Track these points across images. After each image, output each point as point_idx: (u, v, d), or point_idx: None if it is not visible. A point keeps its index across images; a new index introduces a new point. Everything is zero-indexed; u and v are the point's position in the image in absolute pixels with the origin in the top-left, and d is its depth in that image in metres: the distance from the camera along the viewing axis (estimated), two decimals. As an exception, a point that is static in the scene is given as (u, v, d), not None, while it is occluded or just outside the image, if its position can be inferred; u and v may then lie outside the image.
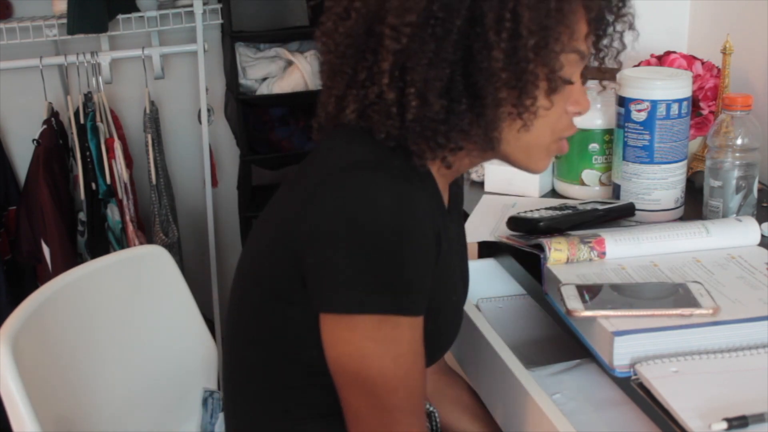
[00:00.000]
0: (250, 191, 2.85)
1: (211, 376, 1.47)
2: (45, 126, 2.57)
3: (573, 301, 1.04)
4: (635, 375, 0.95)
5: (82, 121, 2.57)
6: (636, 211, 1.40)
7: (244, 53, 2.78)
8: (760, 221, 1.25)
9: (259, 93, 2.78)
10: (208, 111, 2.84)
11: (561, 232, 1.25)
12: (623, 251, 1.19)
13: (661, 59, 1.64)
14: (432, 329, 0.99)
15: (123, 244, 2.60)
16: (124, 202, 2.59)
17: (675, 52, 1.64)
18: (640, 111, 1.39)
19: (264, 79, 2.79)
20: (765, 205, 1.46)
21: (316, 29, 1.01)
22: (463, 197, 1.26)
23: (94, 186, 2.56)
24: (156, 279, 1.43)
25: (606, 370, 0.98)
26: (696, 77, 1.58)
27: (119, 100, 2.78)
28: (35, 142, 2.55)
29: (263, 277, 1.00)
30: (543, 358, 1.25)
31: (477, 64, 0.92)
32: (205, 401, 1.42)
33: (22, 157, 2.70)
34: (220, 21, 2.76)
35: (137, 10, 2.69)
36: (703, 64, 1.61)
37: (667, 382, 0.91)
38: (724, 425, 0.84)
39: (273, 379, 1.03)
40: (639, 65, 1.64)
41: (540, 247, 1.19)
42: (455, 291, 1.06)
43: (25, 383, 1.11)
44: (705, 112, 1.59)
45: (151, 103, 2.71)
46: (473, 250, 1.51)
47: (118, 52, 2.71)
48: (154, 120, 2.71)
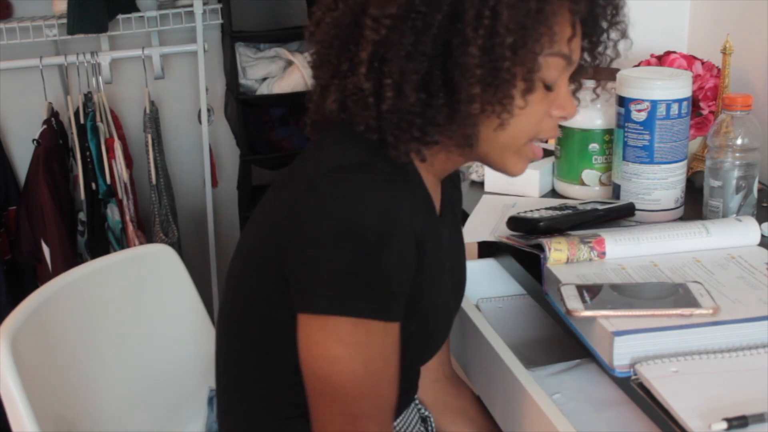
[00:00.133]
0: (250, 191, 2.85)
1: (216, 375, 1.46)
2: (45, 126, 2.57)
3: (573, 301, 1.04)
4: (635, 375, 0.95)
5: (82, 121, 2.57)
6: (636, 211, 1.40)
7: (244, 53, 2.78)
8: (760, 221, 1.25)
9: (259, 93, 2.78)
10: (208, 111, 2.84)
11: (561, 232, 1.25)
12: (623, 251, 1.19)
13: (661, 59, 1.64)
14: (417, 332, 0.99)
15: (123, 244, 2.61)
16: (124, 202, 2.59)
17: (675, 52, 1.64)
18: (640, 111, 1.39)
19: (264, 79, 2.79)
20: (765, 205, 1.46)
21: (310, 20, 1.02)
22: (462, 199, 1.25)
23: (94, 186, 2.56)
24: (162, 278, 1.43)
25: (606, 370, 0.98)
26: (696, 77, 1.58)
27: (119, 100, 2.78)
28: (35, 142, 2.55)
29: (251, 277, 1.01)
30: (543, 358, 1.25)
31: (454, 59, 0.92)
32: (210, 400, 1.42)
33: (22, 157, 2.70)
34: (220, 21, 2.76)
35: (137, 10, 2.70)
36: (703, 64, 1.61)
37: (667, 382, 0.91)
38: (724, 425, 0.84)
39: (261, 377, 1.03)
40: (639, 65, 1.64)
41: (540, 247, 1.19)
42: (441, 293, 1.04)
43: (24, 383, 1.11)
44: (705, 112, 1.59)
45: (151, 103, 2.71)
46: (473, 250, 1.51)
47: (118, 52, 2.71)
48: (154, 120, 2.71)
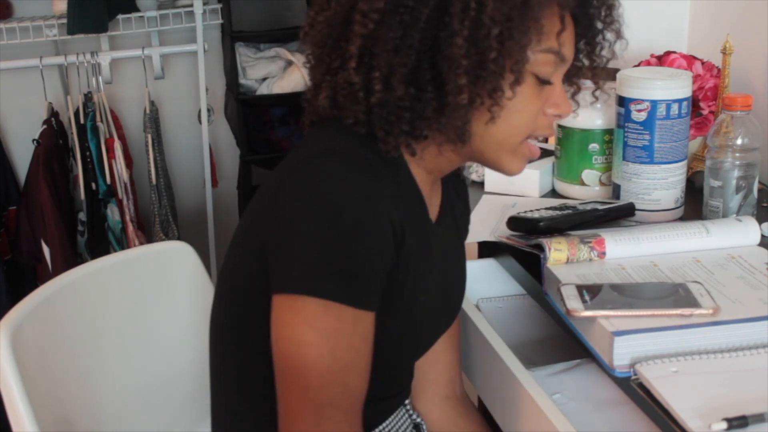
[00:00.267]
0: (250, 191, 2.85)
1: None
2: (45, 126, 2.57)
3: (573, 301, 1.04)
4: (635, 375, 0.95)
5: (82, 121, 2.57)
6: (636, 211, 1.40)
7: (244, 53, 2.78)
8: (760, 221, 1.25)
9: (259, 93, 2.78)
10: (208, 111, 2.84)
11: (561, 232, 1.25)
12: (623, 251, 1.19)
13: (661, 59, 1.64)
14: (399, 327, 0.99)
15: (123, 244, 2.61)
16: (124, 202, 2.59)
17: (675, 52, 1.64)
18: (640, 111, 1.39)
19: (264, 79, 2.79)
20: (765, 205, 1.46)
21: (305, 22, 1.03)
22: (469, 216, 1.23)
23: (94, 186, 2.56)
24: (179, 275, 1.42)
25: (606, 370, 0.98)
26: (696, 77, 1.58)
27: (119, 100, 2.78)
28: (35, 142, 2.55)
29: (237, 269, 1.02)
30: (543, 358, 1.25)
31: (442, 52, 0.93)
32: None
33: (22, 157, 2.70)
34: (220, 21, 2.76)
35: (137, 10, 2.70)
36: (703, 64, 1.61)
37: (667, 382, 0.91)
38: (724, 425, 0.84)
39: (248, 370, 1.03)
40: (639, 65, 1.64)
41: (540, 247, 1.19)
42: (425, 292, 1.03)
43: (25, 379, 1.11)
44: (705, 112, 1.59)
45: (151, 103, 2.71)
46: (473, 250, 1.51)
47: (118, 52, 2.71)
48: (154, 120, 2.71)
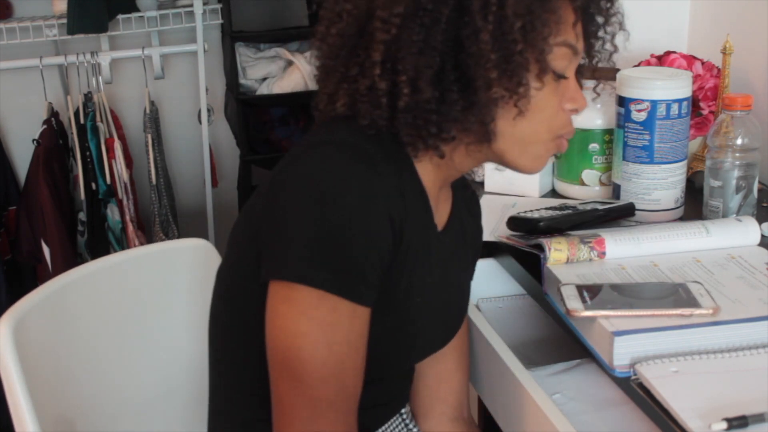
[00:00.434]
0: (250, 191, 2.85)
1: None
2: (45, 126, 2.57)
3: (573, 301, 1.03)
4: (635, 375, 0.95)
5: (82, 121, 2.57)
6: (636, 211, 1.40)
7: (244, 53, 2.78)
8: (760, 221, 1.25)
9: (259, 93, 2.78)
10: (208, 111, 2.84)
11: (561, 232, 1.25)
12: (623, 251, 1.19)
13: (661, 59, 1.64)
14: (395, 328, 0.99)
15: (123, 244, 2.61)
16: (124, 202, 2.59)
17: (675, 52, 1.64)
18: (640, 111, 1.39)
19: (264, 79, 2.79)
20: (765, 205, 1.46)
21: (315, 31, 1.03)
22: (481, 234, 1.21)
23: (94, 186, 2.57)
24: (198, 272, 1.42)
25: (606, 370, 0.98)
26: (696, 77, 1.58)
27: (119, 100, 2.78)
28: (35, 142, 2.55)
29: (234, 265, 1.03)
30: (543, 358, 1.25)
31: (466, 50, 0.93)
32: None
33: (22, 157, 2.70)
34: (220, 21, 2.76)
35: (137, 10, 2.70)
36: (703, 64, 1.61)
37: (667, 382, 0.91)
38: (724, 425, 0.84)
39: (244, 366, 1.03)
40: (639, 65, 1.64)
41: (540, 247, 1.19)
42: (423, 294, 1.03)
43: (28, 379, 1.11)
44: (705, 112, 1.59)
45: (151, 103, 2.71)
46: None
47: (118, 52, 2.71)
48: (154, 120, 2.71)
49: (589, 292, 1.05)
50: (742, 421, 0.85)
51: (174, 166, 2.92)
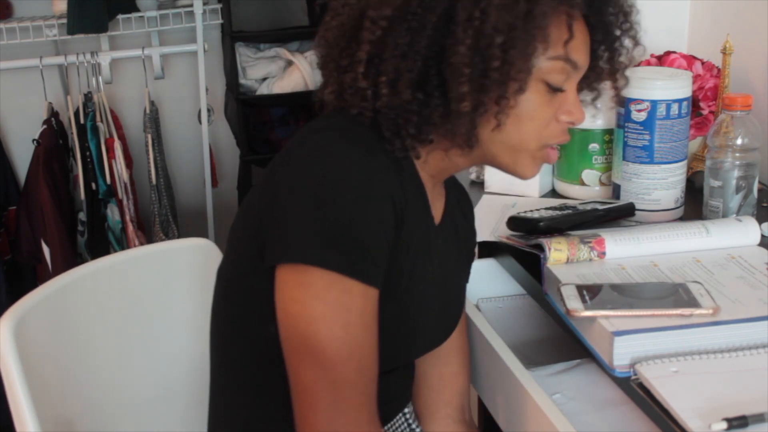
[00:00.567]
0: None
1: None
2: (45, 126, 2.57)
3: (573, 301, 1.04)
4: (635, 375, 0.95)
5: (82, 121, 2.57)
6: (636, 211, 1.40)
7: (244, 53, 2.78)
8: (760, 221, 1.25)
9: (259, 93, 2.78)
10: (208, 111, 2.84)
11: (561, 232, 1.25)
12: (623, 251, 1.19)
13: (661, 59, 1.64)
14: (396, 317, 0.99)
15: (123, 244, 2.61)
16: (124, 202, 2.59)
17: (675, 52, 1.64)
18: (640, 111, 1.39)
19: (264, 79, 2.79)
20: (765, 205, 1.46)
21: (316, 29, 1.05)
22: (475, 237, 1.23)
23: (94, 186, 2.56)
24: (199, 272, 1.42)
25: (606, 370, 0.98)
26: (696, 77, 1.58)
27: (119, 100, 2.78)
28: (35, 142, 2.55)
29: (236, 260, 1.03)
30: (543, 358, 1.25)
31: (446, 59, 0.94)
32: None
33: (22, 157, 2.70)
34: (220, 21, 2.76)
35: (137, 10, 2.70)
36: (703, 64, 1.61)
37: (667, 382, 0.91)
38: (724, 425, 0.84)
39: (244, 360, 1.03)
40: (639, 65, 1.64)
41: (540, 247, 1.19)
42: (423, 282, 1.04)
43: (29, 379, 1.11)
44: (705, 112, 1.59)
45: (151, 103, 2.71)
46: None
47: (118, 52, 2.71)
48: (154, 120, 2.71)
49: (589, 292, 1.05)
50: (742, 421, 0.85)
51: (174, 166, 2.92)
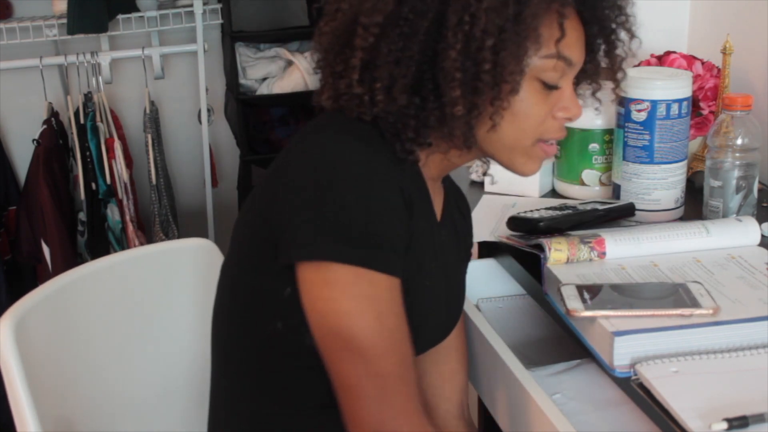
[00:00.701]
0: (250, 191, 2.85)
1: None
2: (45, 126, 2.57)
3: (573, 301, 1.04)
4: (635, 375, 0.95)
5: (82, 121, 2.57)
6: (636, 211, 1.40)
7: (244, 53, 2.78)
8: (760, 221, 1.25)
9: (259, 93, 2.78)
10: (208, 111, 2.84)
11: (561, 232, 1.25)
12: (623, 251, 1.19)
13: (661, 59, 1.64)
14: (406, 307, 0.98)
15: (123, 244, 2.61)
16: (124, 202, 2.59)
17: (675, 52, 1.64)
18: (640, 111, 1.39)
19: (264, 79, 2.79)
20: (765, 205, 1.46)
21: (315, 30, 1.05)
22: (471, 232, 1.24)
23: (94, 186, 2.56)
24: (199, 272, 1.42)
25: (606, 370, 0.98)
26: (696, 77, 1.58)
27: (119, 100, 2.78)
28: (35, 142, 2.55)
29: (240, 260, 1.03)
30: (543, 358, 1.25)
31: (438, 64, 0.95)
32: None
33: (22, 157, 2.70)
34: (220, 21, 2.76)
35: (137, 10, 2.70)
36: (703, 64, 1.61)
37: (667, 382, 0.91)
38: (725, 425, 0.84)
39: (248, 358, 1.03)
40: (639, 65, 1.64)
41: (540, 247, 1.19)
42: (429, 278, 1.04)
43: (29, 379, 1.11)
44: (705, 112, 1.59)
45: (151, 103, 2.71)
46: (473, 250, 1.51)
47: (118, 52, 2.71)
48: (154, 120, 2.71)
49: (589, 292, 1.05)
50: (743, 421, 0.84)
51: (174, 166, 2.92)
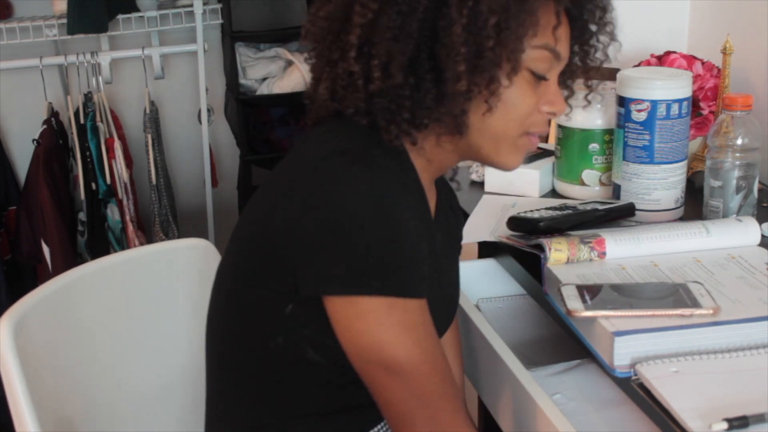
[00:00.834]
0: (250, 191, 2.85)
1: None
2: (45, 126, 2.57)
3: (573, 301, 1.03)
4: (635, 375, 0.95)
5: (82, 121, 2.57)
6: (636, 211, 1.40)
7: (244, 53, 2.78)
8: (760, 221, 1.25)
9: (259, 93, 2.78)
10: (208, 111, 2.84)
11: (561, 232, 1.25)
12: (623, 251, 1.19)
13: (661, 59, 1.64)
14: None
15: (123, 244, 2.61)
16: (124, 202, 2.59)
17: (675, 52, 1.64)
18: (640, 111, 1.39)
19: (264, 79, 2.79)
20: (765, 205, 1.46)
21: (308, 17, 1.05)
22: (461, 227, 1.25)
23: (94, 186, 2.57)
24: (198, 272, 1.42)
25: (606, 370, 0.98)
26: (696, 77, 1.58)
27: (119, 100, 2.79)
28: (35, 142, 2.55)
29: (240, 271, 1.02)
30: (543, 358, 1.25)
31: (440, 41, 0.95)
32: None
33: (22, 157, 2.70)
34: (220, 21, 2.76)
35: (137, 10, 2.70)
36: (703, 64, 1.61)
37: (668, 382, 0.91)
38: (725, 425, 0.84)
39: (259, 372, 1.03)
40: (639, 65, 1.64)
41: (540, 247, 1.19)
42: (437, 283, 1.05)
43: (29, 379, 1.11)
44: (705, 112, 1.59)
45: (151, 103, 2.71)
46: (473, 250, 1.51)
47: (118, 52, 2.72)
48: (154, 120, 2.71)
49: (590, 293, 1.05)
50: (743, 421, 0.84)
51: (174, 166, 2.92)
